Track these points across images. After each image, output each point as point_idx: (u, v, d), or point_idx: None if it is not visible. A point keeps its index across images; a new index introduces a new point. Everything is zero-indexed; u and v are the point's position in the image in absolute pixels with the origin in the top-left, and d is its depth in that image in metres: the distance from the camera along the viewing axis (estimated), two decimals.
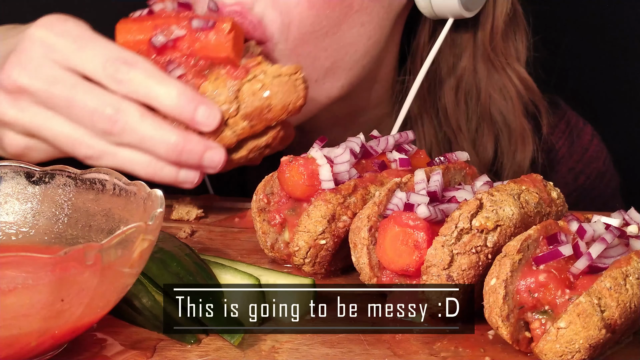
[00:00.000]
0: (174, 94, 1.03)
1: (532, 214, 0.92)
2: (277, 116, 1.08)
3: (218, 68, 1.07)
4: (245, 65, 1.08)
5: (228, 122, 1.07)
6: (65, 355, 0.82)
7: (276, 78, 1.07)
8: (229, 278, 0.90)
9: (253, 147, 1.11)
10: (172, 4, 1.10)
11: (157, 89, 1.03)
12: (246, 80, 1.07)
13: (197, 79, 1.07)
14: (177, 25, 1.07)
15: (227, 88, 1.06)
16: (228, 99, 1.06)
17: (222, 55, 1.07)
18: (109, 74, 1.03)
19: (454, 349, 0.87)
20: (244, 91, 1.07)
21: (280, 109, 1.07)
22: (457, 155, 1.05)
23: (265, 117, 1.07)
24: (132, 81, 1.03)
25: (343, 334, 0.89)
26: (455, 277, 0.87)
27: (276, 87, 1.07)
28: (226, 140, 1.08)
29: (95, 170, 0.93)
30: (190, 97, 1.04)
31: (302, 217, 0.98)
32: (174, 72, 1.06)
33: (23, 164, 0.94)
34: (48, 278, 0.73)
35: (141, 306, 0.87)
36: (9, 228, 0.93)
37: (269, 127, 1.09)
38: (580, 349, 0.80)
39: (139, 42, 1.07)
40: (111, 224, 0.90)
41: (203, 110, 1.04)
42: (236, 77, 1.07)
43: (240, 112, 1.07)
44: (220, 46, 1.06)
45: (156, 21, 1.07)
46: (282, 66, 1.08)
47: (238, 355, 0.84)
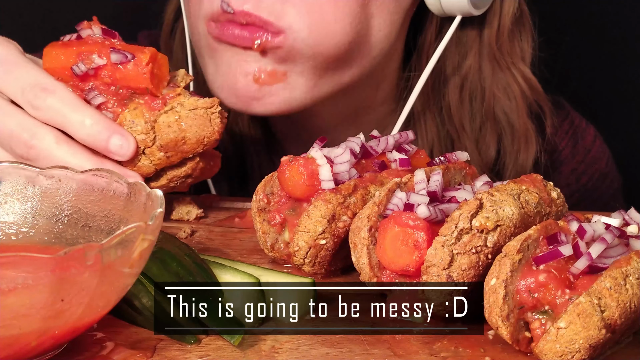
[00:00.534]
0: (88, 122, 1.04)
1: (532, 214, 0.92)
2: (192, 149, 1.08)
3: (138, 97, 1.08)
4: (164, 96, 1.08)
5: (145, 152, 1.08)
6: (65, 355, 0.82)
7: (192, 111, 1.07)
8: (229, 278, 0.90)
9: (173, 177, 1.12)
10: (99, 30, 1.10)
11: (72, 117, 1.04)
12: (163, 111, 1.07)
13: (118, 108, 1.08)
14: (100, 54, 1.07)
15: (144, 119, 1.07)
16: (144, 129, 1.07)
17: (141, 86, 1.07)
18: (27, 99, 1.04)
19: (454, 349, 0.87)
20: (160, 122, 1.07)
21: (195, 142, 1.08)
22: (457, 155, 1.05)
23: (181, 149, 1.08)
24: (49, 108, 1.04)
25: (343, 334, 0.89)
26: (455, 277, 0.87)
27: (191, 120, 1.07)
28: (144, 169, 1.09)
29: (95, 170, 0.93)
30: (105, 126, 1.05)
31: (302, 217, 0.98)
32: (94, 100, 1.07)
33: (23, 164, 0.94)
34: (48, 278, 0.73)
35: (141, 306, 0.87)
36: (9, 228, 0.93)
37: (187, 158, 1.10)
38: (580, 349, 0.80)
39: (64, 68, 1.07)
40: (111, 224, 0.90)
41: (117, 139, 1.05)
42: (154, 108, 1.07)
43: (156, 143, 1.07)
44: (138, 77, 1.07)
45: (80, 48, 1.08)
46: (199, 99, 1.08)
47: (238, 355, 0.84)
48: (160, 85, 1.09)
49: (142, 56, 1.07)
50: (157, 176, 1.12)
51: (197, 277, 0.89)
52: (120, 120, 1.07)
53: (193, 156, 1.10)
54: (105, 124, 1.05)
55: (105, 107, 1.07)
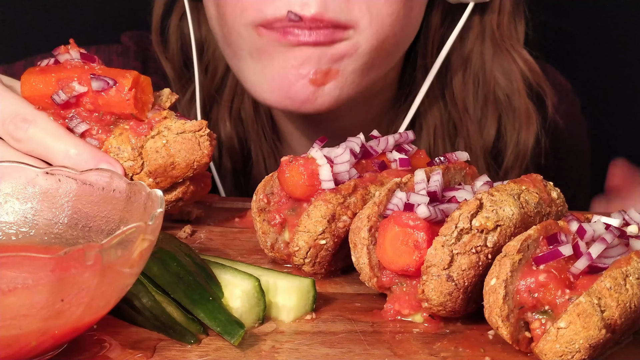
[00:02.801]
0: (72, 152, 1.02)
1: (532, 214, 0.92)
2: (182, 173, 1.06)
3: (123, 122, 1.06)
4: (150, 120, 1.06)
5: (133, 178, 1.06)
6: (65, 355, 0.82)
7: (180, 135, 1.05)
8: (229, 278, 0.90)
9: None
10: (77, 53, 1.07)
11: (56, 147, 1.02)
12: (150, 136, 1.05)
13: (103, 134, 1.05)
14: (80, 81, 1.04)
15: (131, 145, 1.05)
16: (132, 156, 1.05)
17: (125, 112, 1.05)
18: (8, 131, 1.02)
19: (454, 349, 0.87)
20: (148, 148, 1.05)
21: (184, 166, 1.06)
22: (457, 155, 1.05)
23: (171, 174, 1.06)
24: (31, 139, 1.02)
25: (343, 334, 0.89)
26: (455, 277, 0.87)
27: (179, 145, 1.05)
28: None
29: (95, 171, 0.93)
30: (90, 155, 1.02)
31: (302, 217, 0.98)
32: (78, 128, 1.04)
33: (23, 164, 0.94)
34: (48, 278, 0.73)
35: (141, 306, 0.87)
36: (9, 228, 0.93)
37: (177, 182, 1.08)
38: (580, 349, 0.80)
39: (44, 96, 1.04)
40: (111, 224, 0.90)
41: (103, 167, 1.02)
42: (140, 133, 1.05)
43: (145, 169, 1.05)
44: (121, 103, 1.04)
45: (59, 74, 1.05)
46: (186, 122, 1.06)
47: (238, 355, 0.84)
48: (145, 109, 1.06)
49: (124, 81, 1.04)
50: None
51: (197, 277, 0.89)
52: (106, 148, 1.04)
53: (183, 180, 1.08)
54: (90, 153, 1.02)
55: (90, 134, 1.05)
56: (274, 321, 0.91)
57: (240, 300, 0.88)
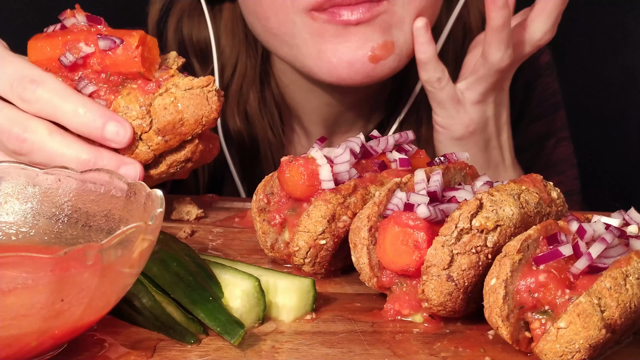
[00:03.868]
0: (81, 111, 1.03)
1: (532, 214, 0.92)
2: (191, 130, 1.06)
3: (130, 82, 1.06)
4: (157, 79, 1.06)
5: (142, 138, 1.06)
6: (65, 355, 0.82)
7: (188, 91, 1.05)
8: (229, 278, 0.90)
9: (172, 162, 1.10)
10: (83, 17, 1.08)
11: (64, 107, 1.02)
12: (157, 94, 1.05)
13: (111, 95, 1.05)
14: (87, 42, 1.05)
15: (139, 103, 1.05)
16: (140, 114, 1.05)
17: (133, 71, 1.05)
18: (16, 93, 1.03)
19: (454, 349, 0.87)
20: (156, 106, 1.05)
21: (193, 122, 1.06)
22: (457, 155, 1.05)
23: (179, 132, 1.06)
24: (39, 100, 1.02)
25: (343, 334, 0.89)
26: (455, 277, 0.87)
27: (188, 101, 1.05)
28: (142, 156, 1.07)
29: (95, 171, 0.93)
30: (99, 113, 1.03)
31: (302, 217, 0.98)
32: (85, 89, 1.05)
33: (23, 164, 0.94)
34: (48, 278, 0.73)
35: (141, 306, 0.87)
36: (9, 228, 0.93)
37: (185, 141, 1.08)
38: (580, 349, 0.80)
39: (51, 59, 1.05)
40: (111, 224, 0.90)
41: (112, 126, 1.03)
42: (148, 91, 1.05)
43: (154, 127, 1.05)
44: (129, 61, 1.04)
45: (65, 38, 1.05)
46: (193, 78, 1.06)
47: (238, 355, 0.84)
48: (152, 68, 1.07)
49: (130, 40, 1.04)
50: (155, 162, 1.09)
51: (197, 277, 0.89)
52: (114, 107, 1.05)
53: (192, 138, 1.08)
54: (99, 112, 1.03)
55: (98, 95, 1.05)
56: (274, 321, 0.91)
57: (240, 300, 0.88)
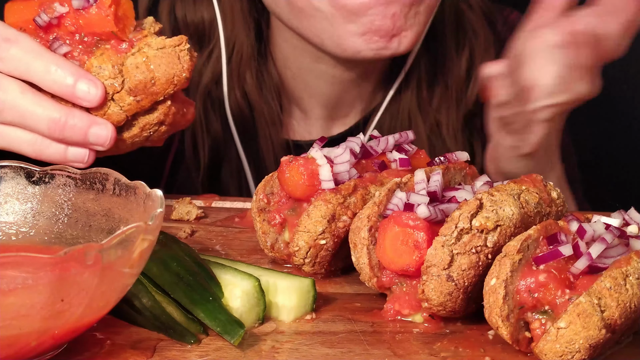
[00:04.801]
0: (52, 69, 1.02)
1: (532, 214, 0.92)
2: (162, 89, 1.05)
3: (104, 43, 1.06)
4: (131, 40, 1.06)
5: (114, 98, 1.05)
6: (65, 355, 0.82)
7: (160, 50, 1.05)
8: (229, 278, 0.90)
9: (145, 125, 1.08)
10: None
11: (36, 65, 1.02)
12: (130, 53, 1.05)
13: (84, 56, 1.05)
14: (61, 2, 1.05)
15: (112, 62, 1.05)
16: (112, 74, 1.04)
17: (106, 30, 1.05)
18: None
19: (454, 349, 0.87)
20: (128, 65, 1.05)
21: (165, 81, 1.05)
22: (457, 155, 1.05)
23: (151, 91, 1.05)
24: (12, 58, 1.02)
25: (343, 334, 0.89)
26: (455, 277, 0.87)
27: (159, 60, 1.05)
28: (114, 117, 1.06)
29: (95, 170, 0.93)
30: (70, 71, 1.03)
31: (302, 217, 0.98)
32: (60, 50, 1.05)
33: (23, 164, 0.94)
34: (48, 278, 0.73)
35: (141, 306, 0.87)
36: (9, 228, 0.93)
37: (158, 102, 1.07)
38: (580, 349, 0.80)
39: (27, 21, 1.05)
40: (111, 224, 0.90)
41: (83, 84, 1.03)
42: (120, 51, 1.05)
43: (125, 87, 1.05)
44: (102, 21, 1.04)
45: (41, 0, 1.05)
46: (166, 38, 1.06)
47: (238, 355, 0.84)
48: (126, 29, 1.06)
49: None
50: (128, 125, 1.08)
51: (197, 277, 0.89)
52: (87, 67, 1.04)
53: (164, 99, 1.07)
54: (70, 70, 1.03)
55: (71, 56, 1.05)
56: (274, 321, 0.91)
57: (240, 300, 0.88)
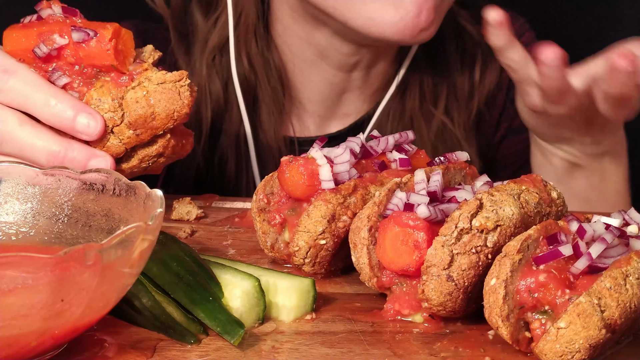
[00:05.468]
0: (52, 102, 1.02)
1: (532, 214, 0.92)
2: (162, 124, 1.06)
3: (104, 75, 1.05)
4: (131, 72, 1.06)
5: (113, 131, 1.05)
6: (65, 355, 0.82)
7: (160, 85, 1.05)
8: (229, 278, 0.90)
9: (144, 157, 1.09)
10: (59, 8, 1.07)
11: (36, 97, 1.02)
12: (130, 87, 1.05)
13: (84, 87, 1.05)
14: (61, 33, 1.04)
15: (111, 96, 1.04)
16: (112, 107, 1.04)
17: (106, 63, 1.04)
18: None
19: (454, 349, 0.87)
20: (128, 99, 1.05)
21: (165, 117, 1.05)
22: (457, 155, 1.05)
23: (151, 126, 1.05)
24: (11, 90, 1.02)
25: (343, 334, 0.89)
26: (455, 277, 0.87)
27: (159, 95, 1.05)
28: (113, 149, 1.06)
29: (95, 170, 0.93)
30: (70, 104, 1.02)
31: (302, 217, 0.98)
32: (59, 81, 1.04)
33: (23, 164, 0.94)
34: (48, 278, 0.73)
35: (141, 306, 0.87)
36: (9, 228, 0.93)
37: (157, 135, 1.07)
38: (580, 349, 0.80)
39: (26, 50, 1.04)
40: (111, 224, 0.90)
41: (83, 118, 1.03)
42: (120, 84, 1.05)
43: (125, 120, 1.05)
44: (102, 54, 1.04)
45: (41, 29, 1.05)
46: (166, 73, 1.06)
47: (238, 355, 0.84)
48: (126, 62, 1.06)
49: (104, 32, 1.04)
50: (127, 157, 1.09)
51: (197, 277, 0.89)
52: (87, 100, 1.04)
53: (164, 133, 1.07)
54: (70, 103, 1.02)
55: (71, 87, 1.05)
56: (274, 321, 0.91)
57: (240, 300, 0.88)
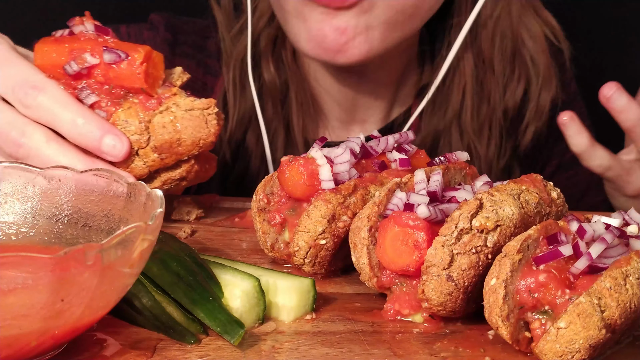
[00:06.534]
0: (79, 121, 1.02)
1: (532, 214, 0.92)
2: (187, 151, 1.06)
3: (133, 97, 1.06)
4: (159, 96, 1.06)
5: (138, 153, 1.06)
6: (65, 355, 0.82)
7: (188, 112, 1.05)
8: (229, 278, 0.90)
9: (167, 180, 1.09)
10: (92, 25, 1.08)
11: (63, 115, 1.02)
12: (158, 111, 1.05)
13: (112, 107, 1.05)
14: (92, 52, 1.05)
15: (139, 118, 1.05)
16: (138, 130, 1.05)
17: (135, 86, 1.05)
18: (18, 97, 1.03)
19: (454, 349, 0.87)
20: (155, 123, 1.05)
21: (190, 143, 1.06)
22: (457, 155, 1.05)
23: (176, 151, 1.06)
24: (40, 106, 1.02)
25: (343, 334, 0.89)
26: (455, 277, 0.87)
27: (187, 122, 1.05)
28: (137, 171, 1.07)
29: (95, 170, 0.93)
30: (97, 125, 1.03)
31: (302, 217, 0.98)
32: (87, 99, 1.05)
33: (23, 164, 0.94)
34: (48, 278, 0.73)
35: (141, 306, 0.87)
36: (9, 228, 0.93)
37: (182, 160, 1.08)
38: (580, 349, 0.80)
39: (56, 65, 1.05)
40: (111, 224, 0.90)
41: (109, 139, 1.03)
42: (148, 107, 1.05)
43: (150, 144, 1.05)
44: (132, 77, 1.04)
45: (72, 45, 1.05)
46: (195, 99, 1.06)
47: (238, 355, 0.84)
48: (156, 85, 1.07)
49: (136, 55, 1.04)
50: (150, 178, 1.09)
51: (197, 277, 0.89)
52: (114, 120, 1.05)
53: (188, 158, 1.08)
54: (97, 123, 1.03)
55: (99, 106, 1.05)
56: (274, 321, 0.91)
57: (240, 300, 0.88)
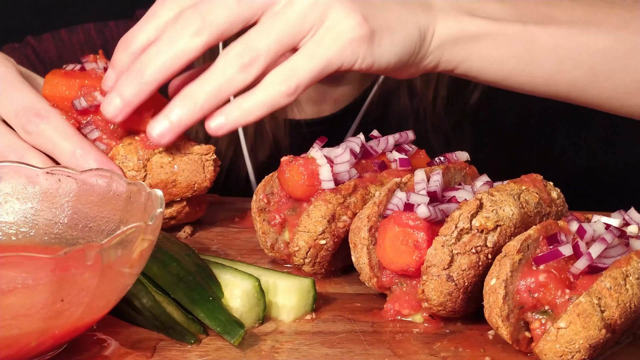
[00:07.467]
0: (78, 152, 1.03)
1: (532, 214, 0.92)
2: (181, 192, 1.07)
3: (134, 134, 1.07)
4: None
5: None
6: (65, 355, 0.82)
7: (186, 155, 1.07)
8: (229, 278, 0.90)
9: None
10: (104, 64, 1.09)
11: (63, 145, 1.03)
12: (157, 151, 1.06)
13: (112, 141, 1.06)
14: (102, 91, 1.05)
15: (138, 156, 1.06)
16: (136, 166, 1.06)
17: (140, 129, 1.06)
18: (20, 122, 1.03)
19: (454, 349, 0.87)
20: (153, 162, 1.06)
21: (185, 186, 1.07)
22: (457, 155, 1.05)
23: (170, 192, 1.07)
24: (41, 134, 1.03)
25: (343, 334, 0.89)
26: (455, 277, 0.87)
27: (184, 165, 1.06)
28: None
29: (95, 171, 0.93)
30: (95, 157, 1.03)
31: (302, 217, 0.98)
32: (91, 135, 1.05)
33: (23, 164, 0.94)
34: (48, 278, 0.73)
35: (141, 306, 0.87)
36: (9, 228, 0.93)
37: (174, 200, 1.09)
38: (580, 349, 0.80)
39: (64, 98, 1.06)
40: (111, 225, 0.90)
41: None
42: (149, 146, 1.06)
43: (146, 182, 1.06)
44: (139, 120, 1.05)
45: (82, 81, 1.06)
46: (194, 144, 1.07)
47: (238, 355, 0.84)
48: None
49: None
50: None
51: (197, 277, 0.89)
52: (113, 154, 1.06)
53: (180, 199, 1.09)
54: (96, 156, 1.03)
55: (100, 139, 1.06)
56: (274, 321, 0.91)
57: (240, 300, 0.88)
